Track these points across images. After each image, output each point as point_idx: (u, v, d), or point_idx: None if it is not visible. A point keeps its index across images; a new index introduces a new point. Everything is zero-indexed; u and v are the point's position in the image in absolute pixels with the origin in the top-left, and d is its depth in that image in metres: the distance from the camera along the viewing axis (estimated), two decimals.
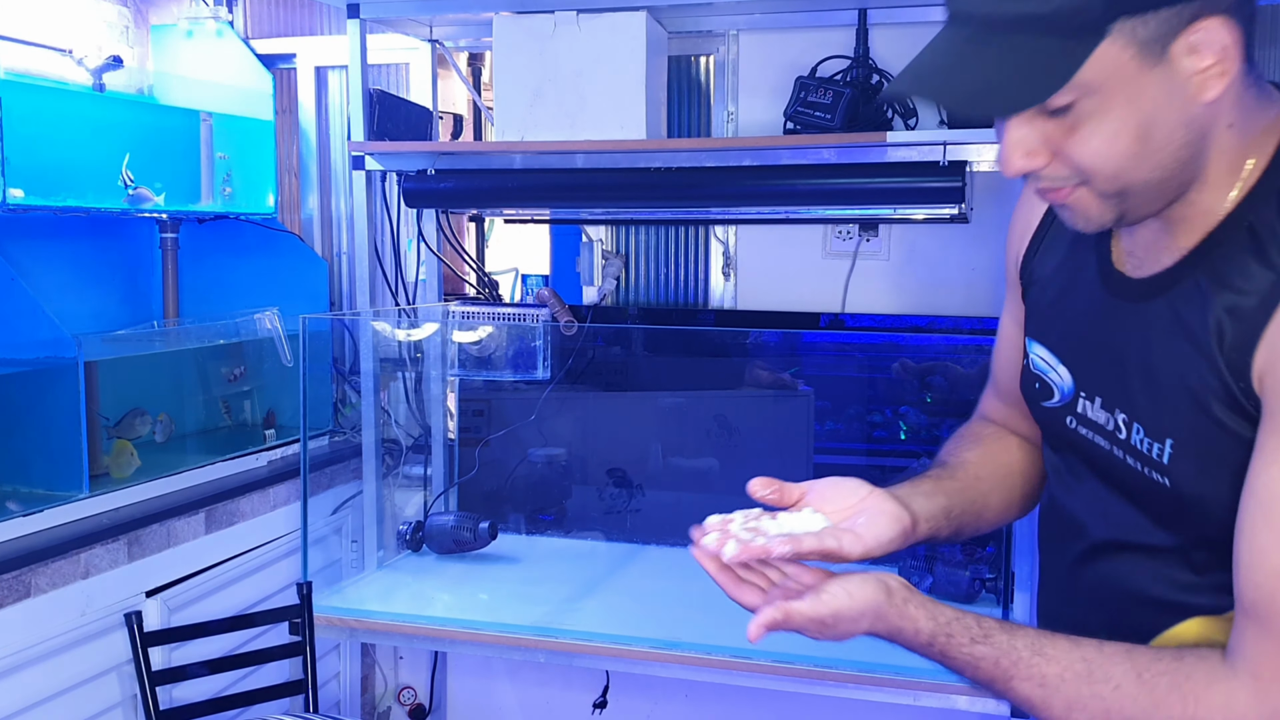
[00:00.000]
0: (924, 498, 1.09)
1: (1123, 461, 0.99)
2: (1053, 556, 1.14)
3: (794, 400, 2.73)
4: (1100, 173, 0.88)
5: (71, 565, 2.03)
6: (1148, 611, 0.99)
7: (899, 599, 0.96)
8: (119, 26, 2.78)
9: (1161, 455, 0.94)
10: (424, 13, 2.63)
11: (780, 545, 0.96)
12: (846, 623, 0.95)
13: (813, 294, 2.71)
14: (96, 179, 2.43)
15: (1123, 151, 0.86)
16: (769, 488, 1.04)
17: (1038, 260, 1.13)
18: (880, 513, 1.04)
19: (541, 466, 2.85)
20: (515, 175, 2.57)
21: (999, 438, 1.25)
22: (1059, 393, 1.08)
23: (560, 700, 2.90)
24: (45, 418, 2.19)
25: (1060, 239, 1.10)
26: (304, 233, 3.10)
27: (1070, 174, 0.89)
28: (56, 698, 2.02)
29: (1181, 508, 0.94)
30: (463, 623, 2.30)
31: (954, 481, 1.16)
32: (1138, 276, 0.98)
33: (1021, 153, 0.89)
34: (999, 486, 1.20)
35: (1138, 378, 0.97)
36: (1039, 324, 1.12)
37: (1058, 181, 0.90)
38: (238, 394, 2.88)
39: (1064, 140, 0.87)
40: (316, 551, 2.68)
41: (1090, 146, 0.86)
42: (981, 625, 0.95)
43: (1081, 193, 0.90)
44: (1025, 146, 0.89)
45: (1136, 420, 0.97)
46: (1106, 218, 0.91)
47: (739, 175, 2.42)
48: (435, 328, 2.84)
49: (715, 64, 2.74)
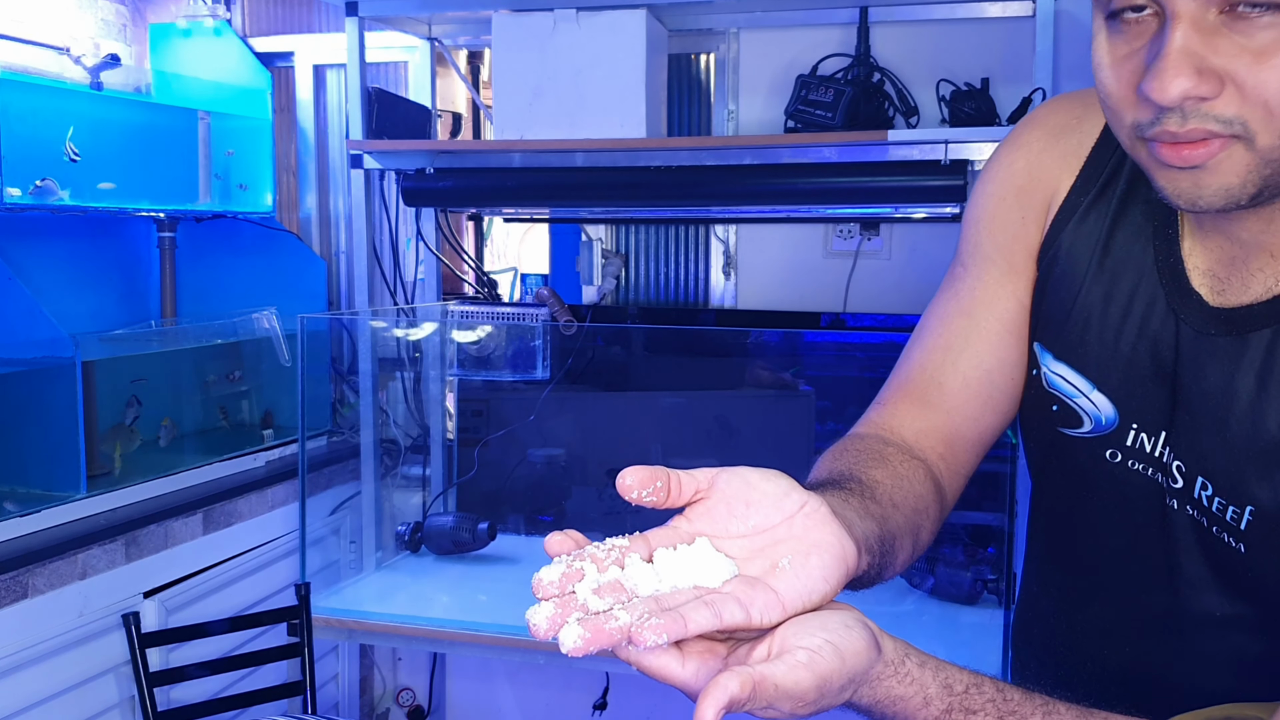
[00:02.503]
0: (858, 518, 0.73)
1: (1180, 511, 0.81)
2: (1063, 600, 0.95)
3: (795, 400, 2.72)
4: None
5: (69, 566, 2.02)
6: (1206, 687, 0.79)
7: (895, 656, 0.67)
8: (116, 25, 2.77)
9: (1239, 521, 0.76)
10: (423, 11, 2.63)
11: (652, 633, 0.59)
12: (831, 695, 0.63)
13: (814, 293, 2.70)
14: (95, 178, 2.42)
15: None
16: (648, 486, 0.65)
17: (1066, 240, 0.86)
18: (813, 548, 0.66)
19: (541, 467, 2.84)
20: (515, 174, 2.56)
21: (906, 462, 0.87)
22: (1092, 422, 0.85)
23: (560, 702, 2.89)
24: (43, 418, 2.18)
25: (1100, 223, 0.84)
26: (302, 232, 3.09)
27: (1236, 116, 0.65)
28: (54, 699, 2.01)
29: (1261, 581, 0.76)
30: (462, 624, 2.29)
31: (876, 505, 0.79)
32: (1222, 305, 0.77)
33: (1191, 69, 0.63)
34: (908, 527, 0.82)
35: (1212, 428, 0.77)
36: (1060, 335, 0.86)
37: (1217, 125, 0.65)
38: (235, 394, 2.87)
39: (1249, 65, 0.63)
40: (315, 552, 2.67)
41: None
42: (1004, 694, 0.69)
43: (1235, 150, 0.66)
44: (1197, 61, 0.63)
45: (1205, 476, 0.78)
46: (1246, 192, 0.67)
47: (739, 174, 2.41)
48: (434, 327, 2.83)
49: (716, 62, 2.73)
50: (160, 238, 2.71)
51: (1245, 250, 0.76)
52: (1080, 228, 0.85)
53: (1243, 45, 0.63)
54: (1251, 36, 0.63)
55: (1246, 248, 0.76)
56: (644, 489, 0.65)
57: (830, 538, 0.66)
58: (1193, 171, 0.67)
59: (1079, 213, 0.85)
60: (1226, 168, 0.66)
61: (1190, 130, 0.65)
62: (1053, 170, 0.88)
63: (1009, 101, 2.41)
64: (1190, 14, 0.63)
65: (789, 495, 0.67)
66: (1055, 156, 0.88)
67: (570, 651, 0.59)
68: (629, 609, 0.60)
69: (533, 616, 0.60)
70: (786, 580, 0.64)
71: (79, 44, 2.54)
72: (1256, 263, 0.76)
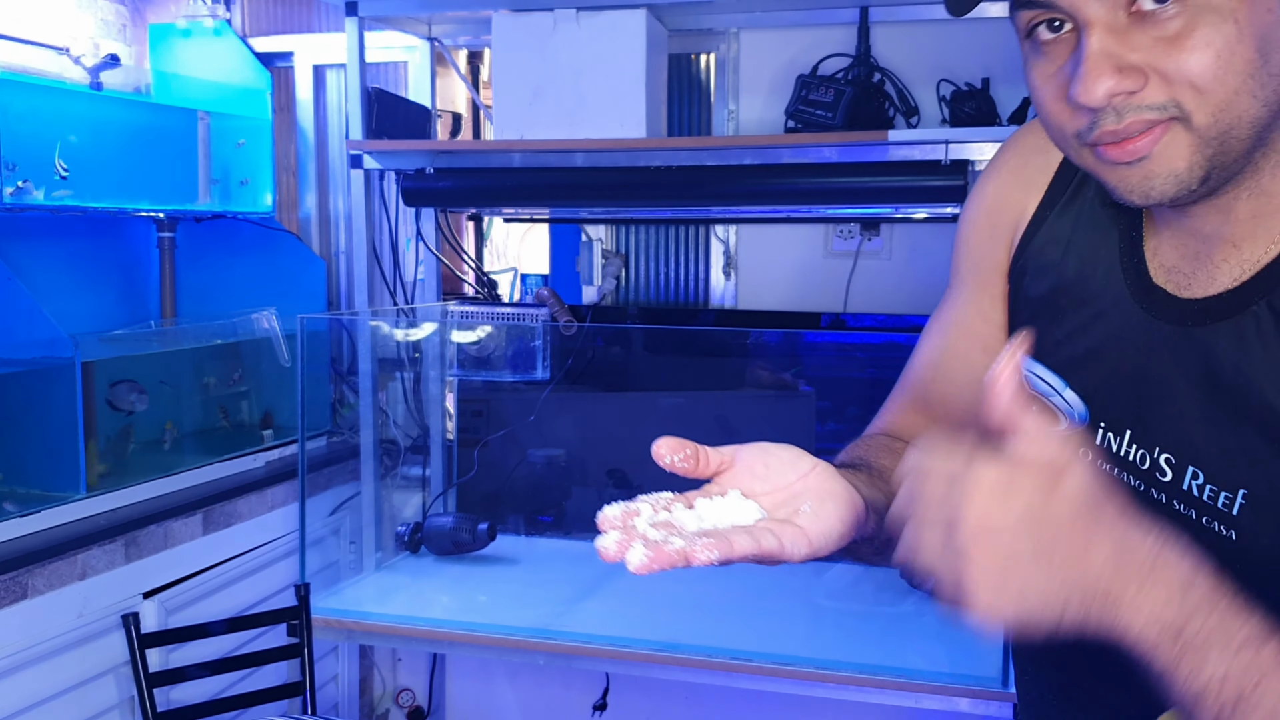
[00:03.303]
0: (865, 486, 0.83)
1: (1168, 505, 0.82)
2: None
3: (795, 400, 2.72)
4: (1213, 95, 0.67)
5: (69, 566, 2.02)
6: None
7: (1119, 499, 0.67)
8: (116, 25, 2.77)
9: (1231, 506, 0.77)
10: (423, 10, 2.63)
11: (704, 551, 0.72)
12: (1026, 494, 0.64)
13: (814, 293, 2.70)
14: (94, 178, 2.41)
15: (1241, 69, 0.67)
16: (680, 452, 0.78)
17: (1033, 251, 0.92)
18: (828, 496, 0.78)
19: (541, 467, 2.84)
20: (514, 174, 2.56)
21: None
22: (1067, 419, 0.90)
23: (560, 702, 2.89)
24: (43, 418, 2.18)
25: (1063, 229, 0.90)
26: (302, 232, 3.08)
27: (1168, 101, 0.68)
28: (54, 699, 2.01)
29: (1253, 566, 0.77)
30: (462, 624, 2.29)
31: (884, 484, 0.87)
32: (1187, 296, 0.80)
33: (1112, 68, 0.68)
34: None
35: (1193, 417, 0.79)
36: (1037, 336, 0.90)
37: (1151, 113, 0.69)
38: (235, 394, 2.87)
39: (1165, 53, 0.67)
40: (314, 553, 2.67)
41: (1203, 59, 0.67)
42: None
43: (1176, 133, 0.69)
44: (1116, 60, 0.68)
45: (1194, 465, 0.79)
46: (1194, 175, 0.70)
47: (740, 174, 2.41)
48: (434, 328, 2.83)
49: (716, 62, 2.73)
50: (160, 238, 2.71)
51: (1208, 244, 0.78)
52: (1047, 236, 0.90)
53: (1156, 37, 0.67)
54: (1163, 28, 0.67)
55: (1209, 241, 0.78)
56: (675, 454, 0.77)
57: (840, 488, 0.79)
58: (1140, 164, 0.71)
59: (1045, 225, 0.91)
60: (1171, 152, 0.70)
61: (1129, 124, 0.69)
62: (1020, 192, 0.93)
63: (1009, 101, 2.41)
64: (1101, 19, 0.68)
65: (802, 458, 0.80)
66: (1023, 179, 0.93)
67: (636, 569, 0.70)
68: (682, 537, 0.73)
69: (601, 541, 0.72)
70: (808, 520, 0.77)
71: (79, 44, 2.54)
72: (1220, 254, 0.78)
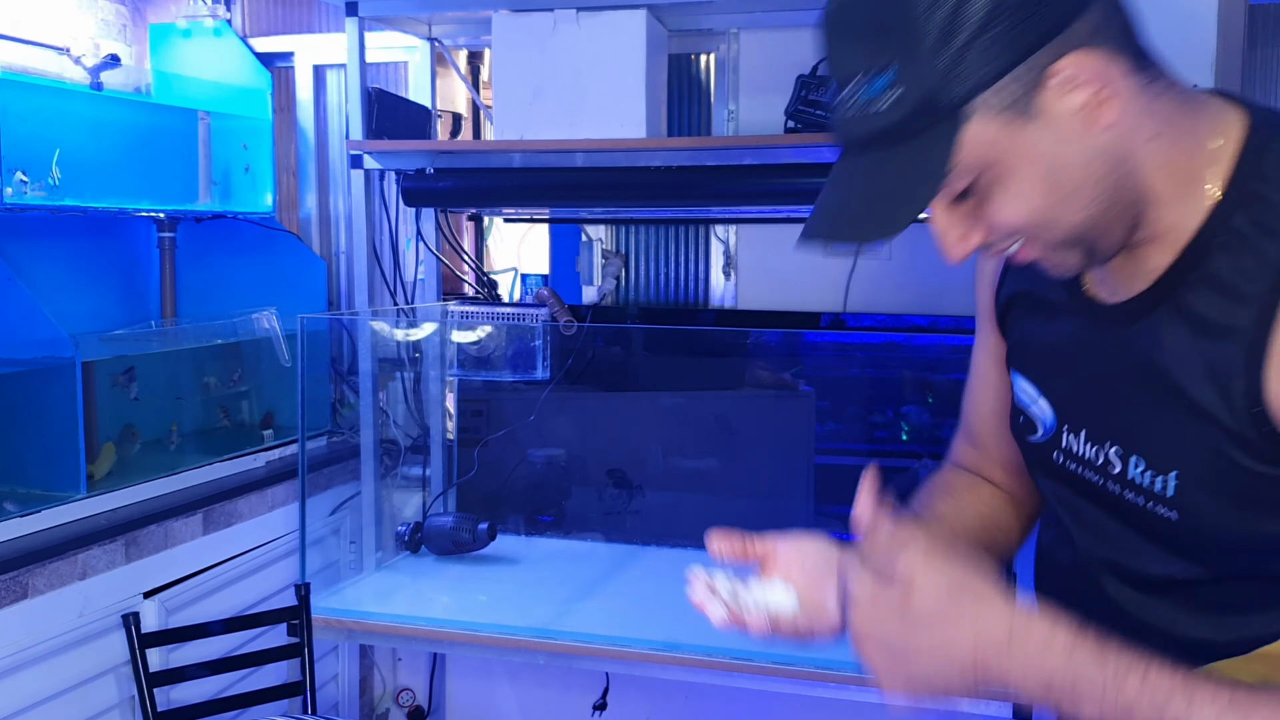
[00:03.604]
0: None
1: (1120, 496, 0.95)
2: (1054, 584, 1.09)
3: (795, 400, 2.72)
4: (1031, 228, 0.86)
5: (69, 566, 2.02)
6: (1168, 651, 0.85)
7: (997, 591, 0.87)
8: (116, 25, 2.77)
9: (1165, 489, 0.89)
10: (423, 11, 2.62)
11: (758, 623, 1.00)
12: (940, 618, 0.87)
13: (814, 293, 2.70)
14: (93, 178, 2.41)
15: (1040, 204, 0.84)
16: (727, 545, 1.04)
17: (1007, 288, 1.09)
18: None
19: (541, 467, 2.84)
20: (514, 174, 2.56)
21: (973, 488, 1.18)
22: (1041, 427, 1.03)
23: (560, 702, 2.89)
24: (43, 418, 2.18)
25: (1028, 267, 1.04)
26: (302, 232, 3.08)
27: (1007, 237, 0.88)
28: (54, 699, 2.01)
29: (1197, 542, 0.90)
30: (462, 624, 2.29)
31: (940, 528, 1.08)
32: (1114, 302, 0.93)
33: (955, 239, 0.89)
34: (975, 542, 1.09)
35: (1131, 409, 0.92)
36: (1019, 355, 1.07)
37: (1005, 243, 0.89)
38: (235, 394, 2.87)
39: (984, 213, 0.86)
40: (315, 553, 2.67)
41: (1009, 210, 0.85)
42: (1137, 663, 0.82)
43: (1036, 248, 0.88)
44: (955, 233, 0.89)
45: (1136, 453, 0.92)
46: (1074, 262, 0.89)
47: (740, 174, 2.41)
48: (434, 328, 2.83)
49: (716, 62, 2.73)
50: (160, 238, 2.71)
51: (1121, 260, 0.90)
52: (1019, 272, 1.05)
53: (972, 204, 0.87)
54: (973, 199, 0.86)
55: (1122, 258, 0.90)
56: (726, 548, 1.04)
57: None
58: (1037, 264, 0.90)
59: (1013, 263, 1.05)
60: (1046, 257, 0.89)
61: (1000, 250, 0.90)
62: None
63: None
64: (938, 207, 0.88)
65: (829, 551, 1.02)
66: None
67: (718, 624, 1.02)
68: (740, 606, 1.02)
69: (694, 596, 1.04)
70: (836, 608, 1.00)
71: (79, 44, 2.54)
72: (1130, 267, 0.90)
